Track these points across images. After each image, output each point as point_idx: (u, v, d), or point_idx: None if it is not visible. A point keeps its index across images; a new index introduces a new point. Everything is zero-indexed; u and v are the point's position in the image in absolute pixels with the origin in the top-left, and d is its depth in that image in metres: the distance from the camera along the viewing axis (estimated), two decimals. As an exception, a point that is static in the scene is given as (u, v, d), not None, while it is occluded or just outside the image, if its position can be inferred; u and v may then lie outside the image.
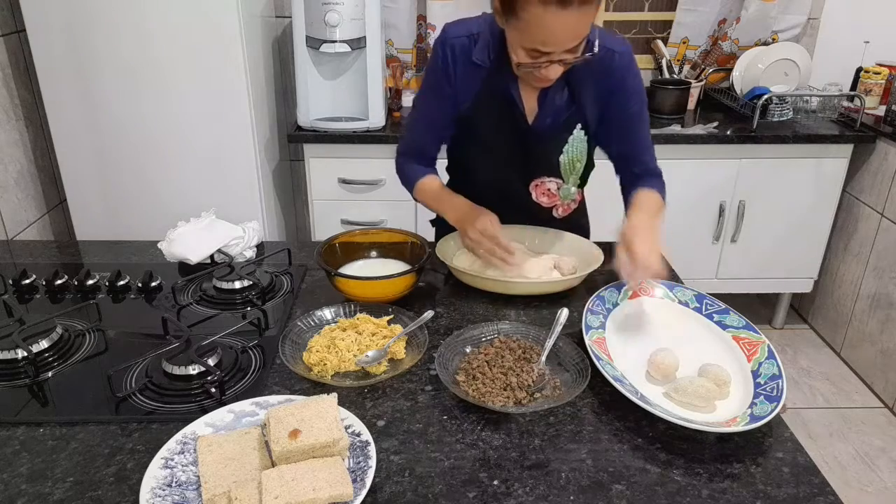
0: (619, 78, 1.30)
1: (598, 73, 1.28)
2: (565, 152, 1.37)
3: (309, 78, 2.41)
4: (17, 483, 0.86)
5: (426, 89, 1.39)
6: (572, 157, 1.38)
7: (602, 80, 1.30)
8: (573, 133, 1.35)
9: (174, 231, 1.47)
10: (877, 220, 2.54)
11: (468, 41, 1.30)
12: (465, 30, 1.30)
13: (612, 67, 1.28)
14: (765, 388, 1.00)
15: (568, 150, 1.37)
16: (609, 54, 1.27)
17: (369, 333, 1.14)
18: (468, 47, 1.30)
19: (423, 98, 1.42)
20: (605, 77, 1.29)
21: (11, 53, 2.23)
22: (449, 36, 1.31)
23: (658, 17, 2.95)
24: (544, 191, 1.43)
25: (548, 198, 1.44)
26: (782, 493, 0.85)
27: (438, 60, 1.32)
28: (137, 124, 2.23)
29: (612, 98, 1.32)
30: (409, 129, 1.48)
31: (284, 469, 0.82)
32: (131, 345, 1.17)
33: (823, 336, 2.92)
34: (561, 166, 1.40)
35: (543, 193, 1.43)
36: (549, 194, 1.43)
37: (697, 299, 1.24)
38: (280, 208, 2.72)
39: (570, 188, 1.44)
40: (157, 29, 2.10)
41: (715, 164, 2.56)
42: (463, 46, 1.30)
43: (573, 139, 1.36)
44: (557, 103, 1.32)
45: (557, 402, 0.98)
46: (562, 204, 1.48)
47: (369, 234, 1.43)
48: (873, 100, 2.64)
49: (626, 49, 1.30)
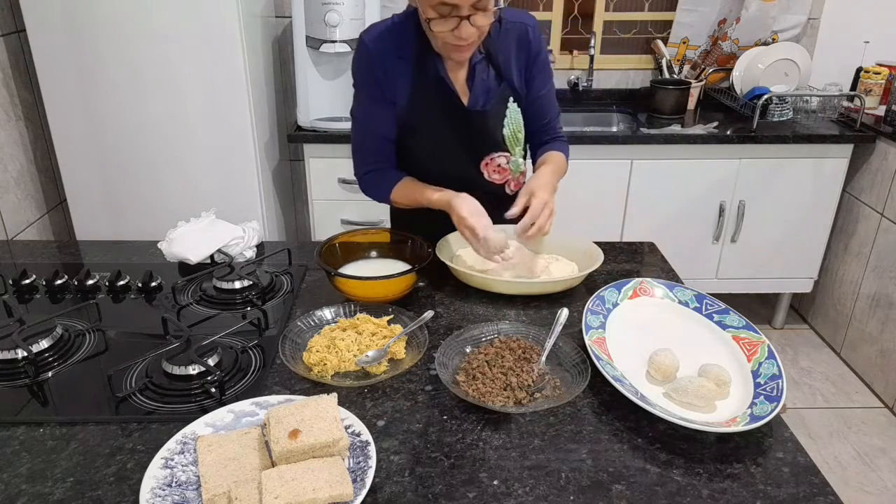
0: (535, 51, 1.40)
1: (516, 48, 1.38)
2: (506, 125, 1.41)
3: (309, 78, 2.41)
4: (17, 483, 0.86)
5: (362, 99, 1.40)
6: (513, 129, 1.43)
7: (521, 54, 1.39)
8: (508, 106, 1.40)
9: (174, 231, 1.47)
10: (877, 220, 2.54)
11: (387, 37, 1.33)
12: (379, 31, 1.34)
13: (528, 40, 1.38)
14: (765, 388, 1.00)
15: (508, 122, 1.41)
16: (523, 28, 1.38)
17: (369, 333, 1.14)
18: (388, 45, 1.33)
19: (361, 109, 1.41)
20: (524, 50, 1.39)
21: (11, 53, 2.23)
22: (366, 41, 1.33)
23: (658, 17, 2.95)
24: (495, 167, 1.44)
25: (499, 174, 1.46)
26: (782, 493, 0.85)
27: (364, 67, 1.35)
28: (137, 124, 2.23)
29: (530, 71, 1.41)
30: (361, 144, 1.46)
31: (284, 469, 0.82)
32: (131, 345, 1.17)
33: (823, 336, 2.92)
34: (506, 140, 1.43)
35: (495, 170, 1.45)
36: (500, 170, 1.45)
37: (697, 299, 1.24)
38: (280, 208, 2.72)
39: (518, 160, 1.47)
40: (158, 29, 2.10)
41: (715, 164, 2.56)
42: (383, 47, 1.33)
43: (510, 111, 1.41)
44: (486, 81, 1.38)
45: (557, 402, 0.98)
46: (513, 178, 1.49)
47: (369, 234, 1.43)
48: (873, 100, 2.64)
49: (535, 22, 1.40)
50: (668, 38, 2.90)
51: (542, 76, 1.43)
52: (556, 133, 1.52)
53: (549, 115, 1.48)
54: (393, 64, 1.33)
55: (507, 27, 1.36)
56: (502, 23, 1.35)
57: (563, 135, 1.53)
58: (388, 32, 1.33)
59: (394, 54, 1.33)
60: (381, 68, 1.33)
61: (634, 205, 2.62)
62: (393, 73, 1.34)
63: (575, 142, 2.49)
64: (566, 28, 3.00)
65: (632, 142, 2.51)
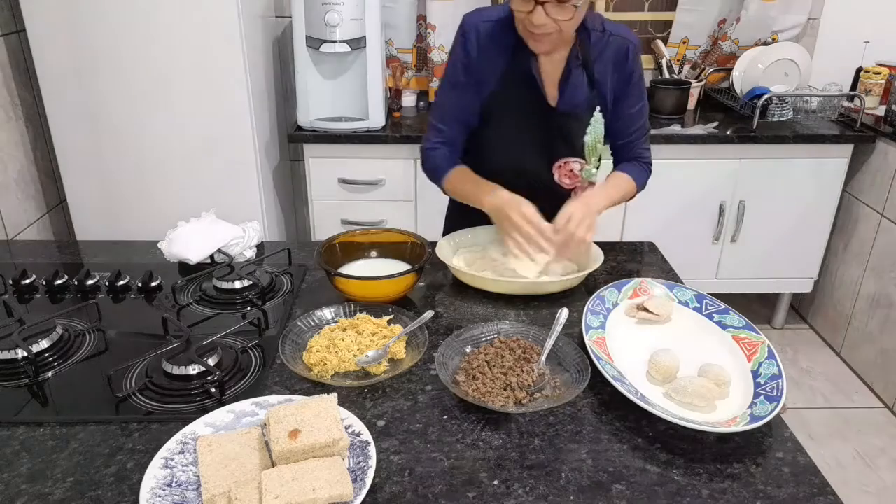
0: (631, 70, 1.40)
1: (613, 62, 1.38)
2: (589, 133, 1.41)
3: (309, 78, 2.41)
4: (17, 483, 0.86)
5: (449, 77, 1.42)
6: (595, 137, 1.43)
7: (619, 69, 1.39)
8: (594, 115, 1.40)
9: (174, 231, 1.47)
10: (877, 220, 2.54)
11: (489, 26, 1.35)
12: (483, 16, 1.36)
13: (628, 58, 1.38)
14: (765, 388, 1.00)
15: (591, 131, 1.41)
16: (625, 44, 1.37)
17: (369, 333, 1.14)
18: (489, 31, 1.34)
19: (446, 87, 1.43)
20: (622, 66, 1.39)
21: (11, 53, 2.23)
22: (468, 23, 1.36)
23: (658, 17, 2.95)
24: (567, 172, 1.45)
25: (570, 179, 1.46)
26: (782, 493, 0.85)
27: (459, 48, 1.37)
28: (137, 124, 2.23)
29: (625, 88, 1.41)
30: (435, 121, 1.47)
31: (284, 469, 0.82)
32: (131, 345, 1.17)
33: (823, 336, 2.92)
34: (586, 147, 1.43)
35: (566, 174, 1.45)
36: (571, 175, 1.45)
37: (697, 299, 1.24)
38: (280, 208, 2.72)
39: (592, 169, 1.47)
40: (158, 29, 2.10)
41: (715, 164, 2.56)
42: (482, 32, 1.35)
43: (594, 121, 1.41)
44: (578, 86, 1.38)
45: (557, 402, 0.98)
46: (581, 185, 1.49)
47: (369, 234, 1.43)
48: (873, 100, 2.64)
49: (638, 42, 1.40)
50: (668, 38, 2.90)
51: (634, 96, 1.43)
52: (639, 154, 1.50)
53: (633, 133, 1.47)
54: (488, 51, 1.36)
55: (610, 39, 1.37)
56: (605, 34, 1.36)
57: (646, 157, 1.51)
58: (493, 21, 1.35)
59: (491, 42, 1.35)
60: (477, 53, 1.36)
61: (634, 205, 2.60)
62: (486, 59, 1.36)
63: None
64: (566, 28, 3.00)
65: (632, 142, 2.51)
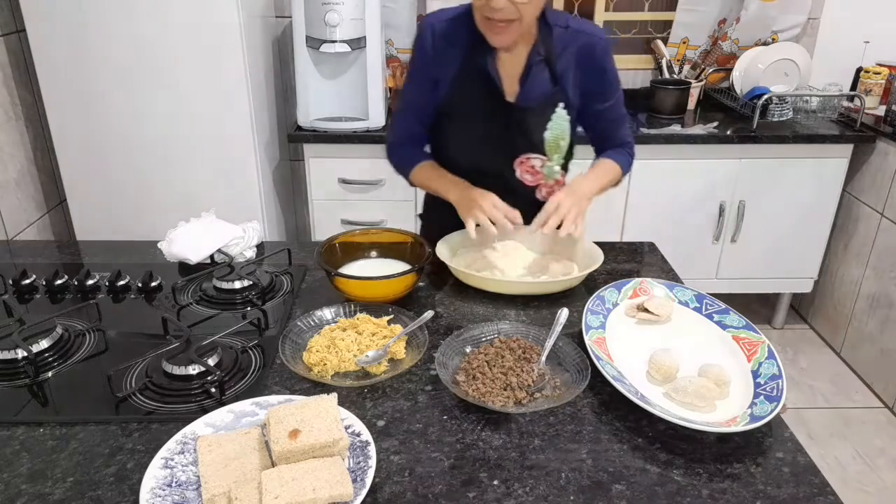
0: (600, 66, 1.41)
1: (577, 57, 1.38)
2: (549, 129, 1.41)
3: (309, 78, 2.41)
4: (17, 483, 0.86)
5: (412, 74, 1.45)
6: (556, 134, 1.42)
7: (585, 66, 1.39)
8: (556, 111, 1.39)
9: (174, 231, 1.47)
10: (877, 220, 2.54)
11: (447, 24, 1.38)
12: (440, 16, 1.39)
13: (595, 55, 1.39)
14: (765, 388, 1.00)
15: (552, 126, 1.40)
16: (591, 40, 1.38)
17: (369, 333, 1.14)
18: (444, 30, 1.37)
19: (409, 84, 1.47)
20: (588, 63, 1.39)
21: (11, 53, 2.23)
22: (425, 22, 1.40)
23: (658, 17, 2.95)
24: (528, 168, 1.43)
25: (531, 175, 1.44)
26: (782, 493, 0.85)
27: (420, 44, 1.40)
28: (137, 124, 2.23)
29: (594, 84, 1.42)
30: (399, 117, 1.52)
31: (284, 469, 0.82)
32: (131, 345, 1.17)
33: (823, 336, 2.92)
34: (546, 143, 1.42)
35: (527, 171, 1.44)
36: (532, 172, 1.44)
37: (697, 299, 1.24)
38: (280, 208, 2.72)
39: (554, 166, 1.45)
40: (158, 29, 2.10)
41: (715, 164, 2.56)
42: (438, 30, 1.38)
43: (556, 116, 1.40)
44: (539, 82, 1.39)
45: (557, 402, 0.98)
46: (545, 184, 1.47)
47: (369, 234, 1.43)
48: (873, 100, 2.64)
49: (604, 37, 1.41)
50: (668, 38, 2.90)
51: (607, 91, 1.44)
52: (622, 141, 1.52)
53: (612, 124, 1.50)
54: (444, 49, 1.38)
55: (573, 35, 1.38)
56: (568, 30, 1.37)
57: (628, 142, 1.53)
58: (450, 19, 1.38)
59: (449, 40, 1.37)
60: (433, 50, 1.38)
61: (634, 205, 2.62)
62: (444, 57, 1.38)
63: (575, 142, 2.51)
64: (566, 28, 3.00)
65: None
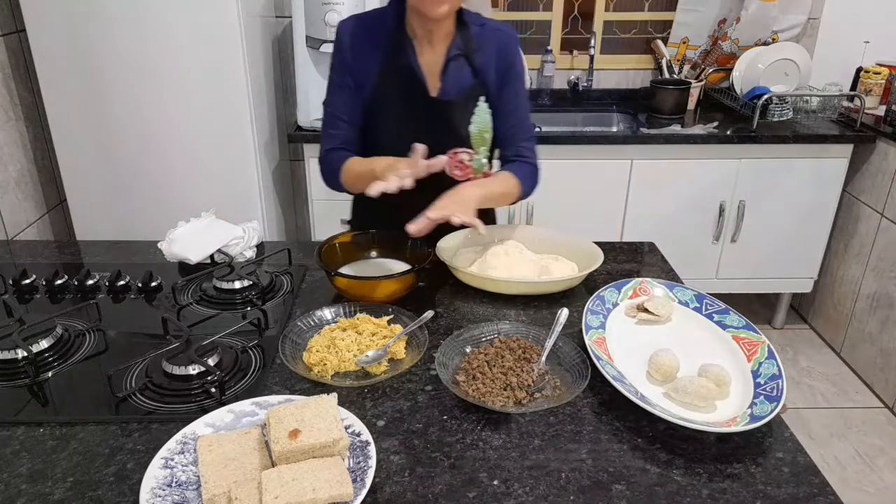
0: (511, 60, 1.44)
1: (497, 51, 1.42)
2: (473, 122, 1.42)
3: (309, 78, 2.41)
4: (17, 483, 0.86)
5: (332, 83, 1.44)
6: (480, 127, 1.44)
7: (501, 58, 1.42)
8: (478, 104, 1.41)
9: (174, 231, 1.47)
10: (877, 220, 2.55)
11: (363, 26, 1.39)
12: (356, 19, 1.41)
13: (509, 49, 1.43)
14: (765, 388, 1.00)
15: (476, 120, 1.42)
16: (505, 36, 1.43)
17: (369, 333, 1.14)
18: (360, 31, 1.38)
19: (331, 91, 1.46)
20: (503, 55, 1.43)
21: (11, 53, 2.23)
22: (340, 25, 1.40)
23: (658, 17, 2.95)
24: (457, 163, 1.42)
25: (461, 170, 1.43)
26: (782, 493, 0.85)
27: (338, 48, 1.41)
28: (137, 124, 2.23)
29: (506, 77, 1.43)
30: (327, 127, 1.48)
31: (284, 469, 0.82)
32: (131, 345, 1.17)
33: (823, 336, 2.92)
34: (471, 137, 1.44)
35: (456, 166, 1.42)
36: (461, 166, 1.43)
37: (697, 299, 1.24)
38: (280, 208, 2.72)
39: (482, 160, 1.45)
40: (158, 29, 2.10)
41: (715, 164, 2.56)
42: (354, 32, 1.39)
43: (479, 110, 1.42)
44: (460, 76, 1.40)
45: (557, 402, 0.98)
46: (475, 177, 1.46)
47: (369, 234, 1.43)
48: (873, 100, 2.64)
49: (516, 36, 1.46)
50: (668, 38, 2.90)
51: (512, 87, 1.45)
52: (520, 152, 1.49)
53: (512, 128, 1.47)
54: (364, 51, 1.38)
55: (489, 33, 1.42)
56: (484, 28, 1.41)
57: (528, 156, 1.49)
58: (364, 21, 1.40)
59: (367, 41, 1.38)
60: (351, 54, 1.39)
61: (634, 205, 2.62)
62: (363, 59, 1.39)
63: (575, 142, 2.51)
64: (566, 28, 3.00)
65: (632, 142, 2.51)
